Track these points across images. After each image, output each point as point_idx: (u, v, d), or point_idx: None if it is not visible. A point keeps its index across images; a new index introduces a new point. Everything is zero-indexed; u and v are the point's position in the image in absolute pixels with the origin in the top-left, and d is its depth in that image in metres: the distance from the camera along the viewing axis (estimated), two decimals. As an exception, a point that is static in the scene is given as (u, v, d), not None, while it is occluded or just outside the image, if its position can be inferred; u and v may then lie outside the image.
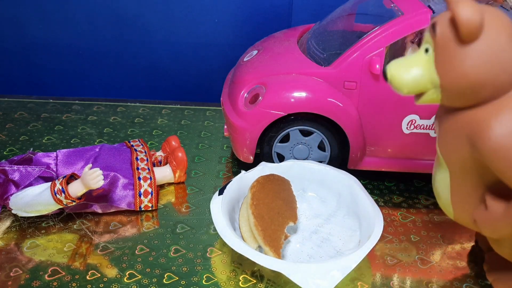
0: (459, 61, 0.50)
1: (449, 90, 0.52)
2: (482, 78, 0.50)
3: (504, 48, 0.50)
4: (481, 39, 0.49)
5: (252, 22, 1.09)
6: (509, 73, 0.50)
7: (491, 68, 0.50)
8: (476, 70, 0.50)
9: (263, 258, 0.61)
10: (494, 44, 0.49)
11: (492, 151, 0.50)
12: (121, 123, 1.00)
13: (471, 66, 0.50)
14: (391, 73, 0.55)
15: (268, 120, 0.77)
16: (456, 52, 0.50)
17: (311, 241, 0.70)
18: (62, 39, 1.12)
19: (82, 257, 0.68)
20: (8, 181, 0.72)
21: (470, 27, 0.48)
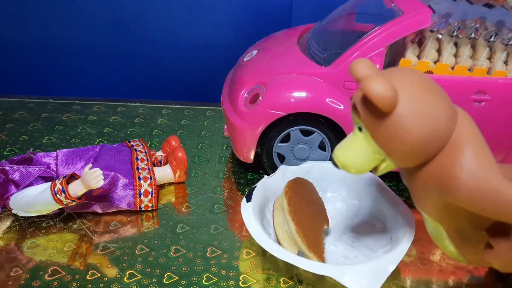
0: (391, 130, 0.51)
1: (397, 157, 0.53)
2: (419, 137, 0.51)
3: (424, 102, 0.51)
4: (400, 105, 0.50)
5: (252, 22, 1.09)
6: (442, 121, 0.51)
7: (422, 125, 0.51)
8: (410, 132, 0.51)
9: (312, 264, 0.61)
10: (415, 103, 0.51)
11: (467, 198, 0.51)
12: (121, 123, 1.00)
13: (403, 130, 0.51)
14: (340, 161, 0.56)
15: (268, 120, 0.77)
16: (384, 123, 0.51)
17: (342, 241, 0.70)
18: (62, 39, 1.12)
19: (82, 257, 0.67)
20: (8, 181, 0.72)
21: (386, 101, 0.49)
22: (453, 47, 0.76)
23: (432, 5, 0.76)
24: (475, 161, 0.51)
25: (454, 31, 0.75)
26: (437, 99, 0.52)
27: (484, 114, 0.76)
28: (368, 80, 0.50)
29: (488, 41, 0.76)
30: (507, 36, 0.75)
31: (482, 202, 0.51)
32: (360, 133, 0.54)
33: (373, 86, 0.49)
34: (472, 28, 0.76)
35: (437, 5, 0.76)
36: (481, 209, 0.52)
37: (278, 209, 0.68)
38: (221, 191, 0.81)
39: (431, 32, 0.76)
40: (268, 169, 0.83)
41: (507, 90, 0.75)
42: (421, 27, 0.73)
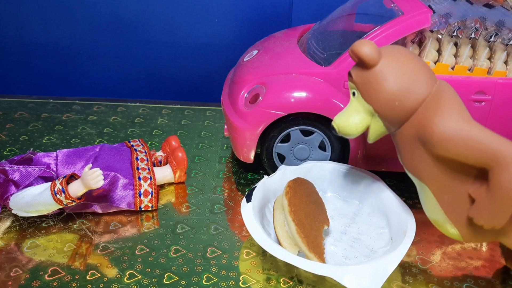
0: (375, 82, 0.60)
1: (382, 110, 0.61)
2: (399, 87, 0.59)
3: (404, 61, 0.60)
4: (382, 61, 0.60)
5: (252, 22, 1.09)
6: (420, 78, 0.60)
7: (402, 77, 0.60)
8: (391, 83, 0.59)
9: (312, 264, 0.61)
10: (395, 61, 0.60)
11: (441, 142, 0.57)
12: (121, 123, 1.00)
13: (385, 81, 0.60)
14: (337, 124, 0.65)
15: (268, 120, 0.77)
16: (370, 78, 0.60)
17: (342, 241, 0.70)
18: (62, 39, 1.12)
19: (82, 257, 0.68)
20: (8, 181, 0.72)
21: (369, 55, 0.59)
22: (453, 47, 0.76)
23: (432, 5, 0.76)
24: (449, 111, 0.58)
25: (454, 31, 0.75)
26: (417, 62, 0.61)
27: (484, 114, 0.76)
28: (357, 42, 0.60)
29: (488, 41, 0.76)
30: (507, 36, 0.75)
31: (455, 144, 0.57)
32: (353, 98, 0.63)
33: (360, 44, 0.60)
34: (472, 28, 0.76)
35: (437, 5, 0.76)
36: (455, 152, 0.57)
37: (279, 209, 0.68)
38: (221, 191, 0.81)
39: (431, 32, 0.76)
40: (268, 169, 0.83)
41: (507, 90, 0.75)
42: (421, 27, 0.73)
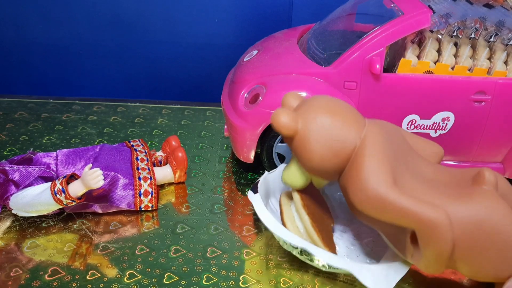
0: (298, 150, 0.61)
1: (312, 171, 0.63)
2: (319, 154, 0.60)
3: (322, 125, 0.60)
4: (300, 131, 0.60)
5: (252, 22, 1.09)
6: (340, 139, 0.59)
7: (320, 145, 0.60)
8: (310, 151, 0.60)
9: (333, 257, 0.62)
10: (312, 128, 0.60)
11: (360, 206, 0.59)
12: (121, 123, 1.00)
13: (305, 150, 0.60)
14: (286, 182, 0.66)
15: (268, 120, 0.77)
16: (293, 145, 0.62)
17: (343, 240, 0.70)
18: (62, 39, 1.12)
19: (82, 257, 0.68)
20: (8, 181, 0.71)
21: (284, 129, 0.60)
22: (453, 47, 0.76)
23: (432, 6, 0.76)
24: (371, 170, 0.57)
25: (454, 31, 0.75)
26: (336, 120, 0.60)
27: (484, 114, 0.76)
28: (274, 113, 0.60)
29: (488, 41, 0.76)
30: (507, 36, 0.75)
31: (375, 211, 0.58)
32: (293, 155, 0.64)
33: (274, 116, 0.60)
34: (472, 28, 0.76)
35: (437, 5, 0.76)
36: (376, 215, 0.58)
37: (287, 205, 0.68)
38: (221, 191, 0.81)
39: (431, 32, 0.76)
40: (268, 169, 0.83)
41: (507, 90, 0.75)
42: (421, 27, 0.73)
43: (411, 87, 0.75)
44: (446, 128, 0.77)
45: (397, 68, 0.75)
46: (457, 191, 0.59)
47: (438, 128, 0.78)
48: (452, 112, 0.76)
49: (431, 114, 0.76)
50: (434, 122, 0.77)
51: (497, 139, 0.78)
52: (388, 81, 0.75)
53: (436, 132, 0.78)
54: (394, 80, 0.75)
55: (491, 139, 0.78)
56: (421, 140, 0.68)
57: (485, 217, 0.56)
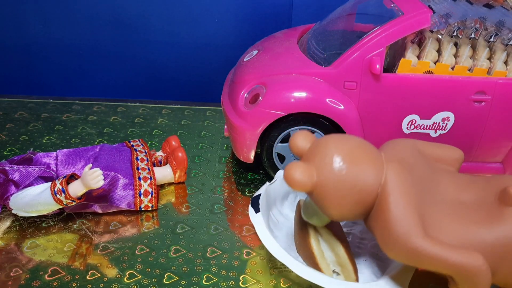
0: (318, 203, 0.58)
1: (337, 219, 0.60)
2: (341, 204, 0.57)
3: (340, 174, 0.56)
4: (318, 184, 0.56)
5: (252, 22, 1.09)
6: (361, 185, 0.56)
7: (341, 195, 0.56)
8: (331, 203, 0.57)
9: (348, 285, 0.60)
10: (330, 181, 0.56)
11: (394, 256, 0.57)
12: (121, 123, 1.00)
13: (326, 202, 0.57)
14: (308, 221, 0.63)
15: (268, 120, 0.77)
16: (314, 199, 0.58)
17: (350, 243, 0.69)
18: (62, 39, 1.12)
19: (82, 257, 0.68)
20: (8, 181, 0.71)
21: (302, 188, 0.56)
22: (453, 47, 0.76)
23: (432, 6, 0.76)
24: (396, 224, 0.55)
25: (454, 31, 0.75)
26: (354, 166, 0.56)
27: (484, 114, 0.76)
28: (287, 169, 0.56)
29: (488, 41, 0.76)
30: (507, 36, 0.75)
31: (407, 260, 0.56)
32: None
33: (288, 173, 0.56)
34: (472, 28, 0.76)
35: (437, 5, 0.76)
36: (411, 264, 0.57)
37: (311, 226, 0.65)
38: (221, 191, 0.81)
39: (431, 32, 0.76)
40: (268, 169, 0.83)
41: (507, 90, 0.75)
42: (421, 28, 0.73)
43: (411, 87, 0.75)
44: (446, 128, 0.77)
45: (397, 68, 0.75)
46: (485, 214, 0.57)
47: (438, 128, 0.78)
48: (452, 112, 0.76)
49: (431, 114, 0.76)
50: (434, 122, 0.77)
51: (497, 139, 0.78)
52: (388, 81, 0.75)
53: (436, 132, 0.78)
54: (394, 80, 0.75)
55: (491, 139, 0.78)
56: (439, 149, 0.66)
57: None
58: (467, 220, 0.57)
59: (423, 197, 0.58)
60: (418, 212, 0.56)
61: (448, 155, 0.65)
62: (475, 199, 0.60)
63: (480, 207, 0.58)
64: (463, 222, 0.57)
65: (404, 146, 0.62)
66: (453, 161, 0.65)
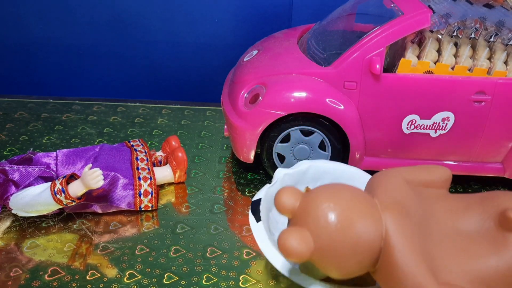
0: (319, 265, 0.54)
1: (343, 277, 0.56)
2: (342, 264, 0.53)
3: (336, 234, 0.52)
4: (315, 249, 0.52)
5: (252, 22, 1.09)
6: (360, 240, 0.52)
7: (340, 255, 0.53)
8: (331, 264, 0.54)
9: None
10: (325, 244, 0.52)
11: None
12: (121, 123, 1.00)
13: (326, 264, 0.54)
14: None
15: (268, 120, 0.77)
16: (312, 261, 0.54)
17: None
18: (62, 38, 1.12)
19: (82, 257, 0.68)
20: (8, 181, 0.72)
21: (297, 258, 0.52)
22: (453, 47, 0.76)
23: (432, 6, 0.76)
24: (406, 278, 0.52)
25: (454, 31, 0.75)
26: (351, 223, 0.53)
27: (484, 114, 0.76)
28: (281, 239, 0.52)
29: (488, 41, 0.76)
30: (507, 36, 0.75)
31: None
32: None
33: (283, 245, 0.52)
34: (472, 28, 0.76)
35: (437, 5, 0.76)
36: None
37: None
38: (221, 191, 0.81)
39: (431, 32, 0.76)
40: (268, 169, 0.83)
41: (507, 90, 0.75)
42: (421, 27, 0.73)
43: (411, 87, 0.75)
44: (446, 128, 0.77)
45: (397, 68, 0.75)
46: (488, 242, 0.55)
47: (438, 128, 0.78)
48: (452, 112, 0.76)
49: (431, 114, 0.76)
50: (434, 122, 0.77)
51: (497, 139, 0.78)
52: (388, 81, 0.75)
53: (436, 132, 0.78)
54: (394, 80, 0.75)
55: (491, 139, 0.78)
56: (426, 172, 0.63)
57: None
58: (472, 253, 0.55)
59: (425, 238, 0.55)
60: (425, 258, 0.53)
61: (436, 177, 0.62)
62: (475, 227, 0.57)
63: (482, 236, 0.56)
64: (469, 257, 0.55)
65: (394, 183, 0.59)
66: (442, 183, 0.62)
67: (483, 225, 0.57)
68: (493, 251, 0.54)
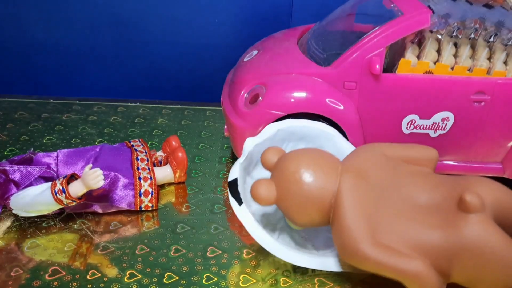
0: (282, 210, 0.65)
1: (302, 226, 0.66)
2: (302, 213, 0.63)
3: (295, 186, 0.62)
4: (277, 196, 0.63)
5: (252, 22, 1.09)
6: (313, 195, 0.61)
7: (296, 204, 0.62)
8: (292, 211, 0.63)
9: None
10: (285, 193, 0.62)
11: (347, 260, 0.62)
12: (121, 123, 1.00)
13: (287, 210, 0.64)
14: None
15: (268, 120, 0.77)
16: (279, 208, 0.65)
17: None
18: (62, 39, 1.12)
19: (83, 257, 0.68)
20: (8, 181, 0.72)
21: (264, 202, 0.63)
22: (453, 47, 0.76)
23: (431, 6, 0.76)
24: (347, 232, 0.60)
25: (454, 31, 0.76)
26: (309, 176, 0.62)
27: (484, 114, 0.76)
28: (253, 187, 0.63)
29: (488, 41, 0.76)
30: (507, 36, 0.75)
31: (360, 266, 0.60)
32: None
33: (253, 190, 0.63)
34: (472, 28, 0.76)
35: (437, 5, 0.76)
36: (363, 269, 0.61)
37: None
38: (221, 191, 0.81)
39: (431, 32, 0.76)
40: (268, 169, 0.83)
41: (507, 90, 0.75)
42: (421, 28, 0.74)
43: (410, 87, 0.75)
44: (446, 128, 0.78)
45: (397, 68, 0.75)
46: (441, 218, 0.60)
47: (438, 128, 0.78)
48: (451, 112, 0.76)
49: (430, 114, 0.76)
50: (433, 122, 0.77)
51: (496, 139, 0.78)
52: (388, 81, 0.75)
53: (435, 132, 0.78)
54: (394, 80, 0.75)
55: (490, 139, 0.78)
56: (411, 150, 0.68)
57: (472, 245, 0.57)
58: (420, 224, 0.60)
59: (379, 203, 0.61)
60: (371, 219, 0.60)
61: (420, 155, 0.68)
62: (435, 203, 0.62)
63: (438, 212, 0.61)
64: (416, 226, 0.60)
65: (366, 153, 0.66)
66: (427, 161, 0.67)
67: (443, 203, 0.61)
68: (441, 227, 0.59)
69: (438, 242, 0.58)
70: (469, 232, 0.57)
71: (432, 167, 0.67)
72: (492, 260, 0.57)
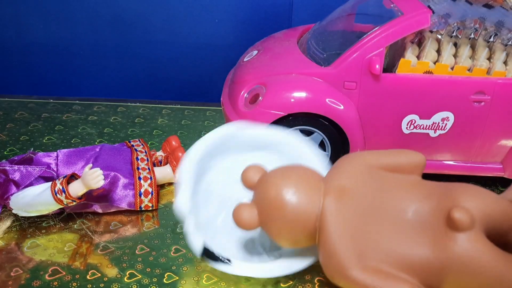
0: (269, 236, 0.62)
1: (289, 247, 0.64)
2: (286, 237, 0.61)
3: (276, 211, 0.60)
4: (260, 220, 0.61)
5: (252, 22, 1.09)
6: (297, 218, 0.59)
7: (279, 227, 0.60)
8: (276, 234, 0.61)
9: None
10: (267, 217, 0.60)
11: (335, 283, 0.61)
12: (121, 123, 1.00)
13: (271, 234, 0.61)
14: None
15: (268, 120, 0.77)
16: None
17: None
18: (62, 39, 1.12)
19: (83, 257, 0.68)
20: (8, 181, 0.72)
21: (247, 227, 0.61)
22: (453, 47, 0.76)
23: (431, 6, 0.76)
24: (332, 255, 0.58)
25: (454, 31, 0.76)
26: (290, 202, 0.59)
27: (484, 114, 0.76)
28: (235, 212, 0.60)
29: (488, 41, 0.76)
30: (507, 36, 0.75)
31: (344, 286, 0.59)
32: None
33: (235, 216, 0.60)
34: (472, 28, 0.76)
35: (437, 5, 0.76)
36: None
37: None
38: (221, 191, 0.81)
39: (431, 32, 0.76)
40: (268, 169, 0.83)
41: (507, 90, 0.75)
42: (421, 28, 0.74)
43: (410, 87, 0.75)
44: (446, 128, 0.78)
45: (397, 68, 0.75)
46: (427, 236, 0.58)
47: (438, 128, 0.78)
48: (451, 112, 0.76)
49: (430, 114, 0.77)
50: (433, 122, 0.77)
51: (496, 139, 0.78)
52: (388, 81, 0.75)
53: (435, 132, 0.78)
54: (394, 80, 0.75)
55: (490, 139, 0.78)
56: (398, 156, 0.64)
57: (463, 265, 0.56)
58: (408, 240, 0.58)
59: (365, 221, 0.59)
60: (357, 240, 0.58)
61: (406, 161, 0.64)
62: (424, 217, 0.59)
63: (427, 227, 0.58)
64: (402, 243, 0.58)
65: (350, 167, 0.62)
66: (413, 168, 0.64)
67: (432, 219, 0.59)
68: (429, 243, 0.57)
69: (427, 260, 0.57)
70: (459, 252, 0.56)
71: (419, 172, 0.64)
72: (484, 279, 0.56)
